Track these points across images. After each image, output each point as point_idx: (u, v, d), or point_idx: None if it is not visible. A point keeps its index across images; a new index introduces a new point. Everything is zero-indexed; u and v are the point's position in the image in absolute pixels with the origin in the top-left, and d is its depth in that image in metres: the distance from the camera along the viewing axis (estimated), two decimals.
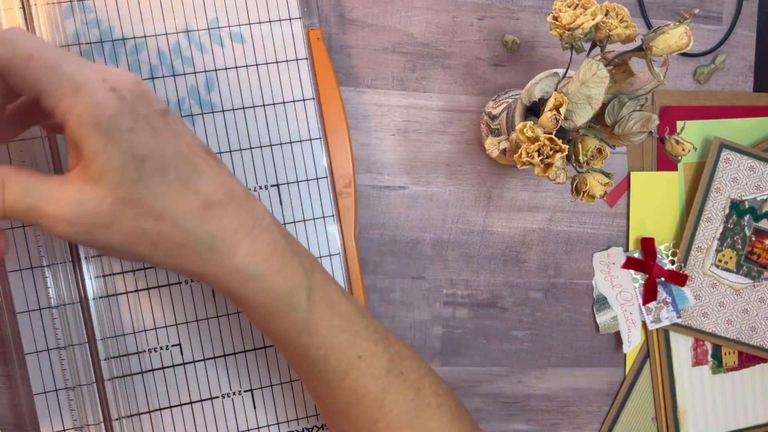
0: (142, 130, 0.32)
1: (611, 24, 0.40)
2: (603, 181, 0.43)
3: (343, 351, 0.40)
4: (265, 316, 0.39)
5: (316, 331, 0.39)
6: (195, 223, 0.34)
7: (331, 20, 0.52)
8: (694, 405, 0.58)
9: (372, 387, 0.41)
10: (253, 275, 0.37)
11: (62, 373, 0.47)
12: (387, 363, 0.41)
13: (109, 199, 0.32)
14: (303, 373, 0.42)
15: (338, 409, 0.42)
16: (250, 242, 0.36)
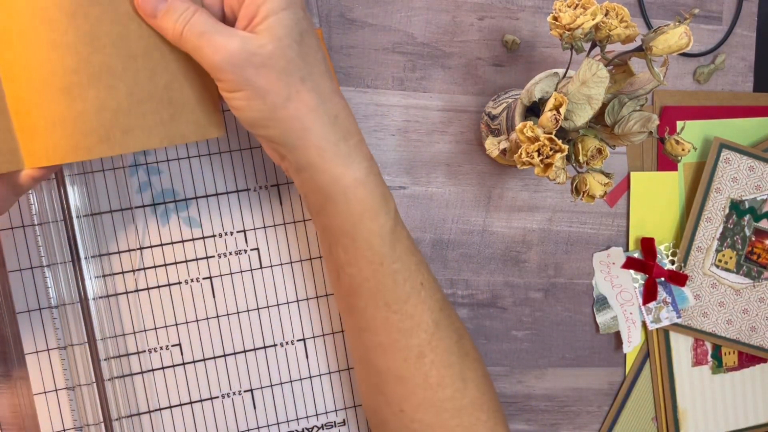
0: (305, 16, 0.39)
1: (611, 24, 0.40)
2: (603, 181, 0.43)
3: (411, 271, 0.42)
4: (357, 214, 0.40)
5: (396, 242, 0.41)
6: (327, 97, 0.39)
7: (331, 20, 0.52)
8: (694, 405, 0.58)
9: (427, 318, 0.42)
10: (360, 166, 0.40)
11: (62, 373, 0.47)
12: (440, 300, 0.44)
13: (271, 45, 0.37)
14: (365, 294, 0.42)
15: (389, 338, 0.42)
16: (358, 139, 0.41)
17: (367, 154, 0.41)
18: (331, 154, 0.39)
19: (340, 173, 0.40)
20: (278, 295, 0.50)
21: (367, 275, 0.42)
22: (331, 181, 0.40)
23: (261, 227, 0.49)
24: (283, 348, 0.50)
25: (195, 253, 0.49)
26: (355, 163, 0.40)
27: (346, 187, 0.40)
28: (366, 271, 0.42)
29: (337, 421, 0.51)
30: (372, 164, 0.41)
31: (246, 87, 0.37)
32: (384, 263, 0.41)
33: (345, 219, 0.41)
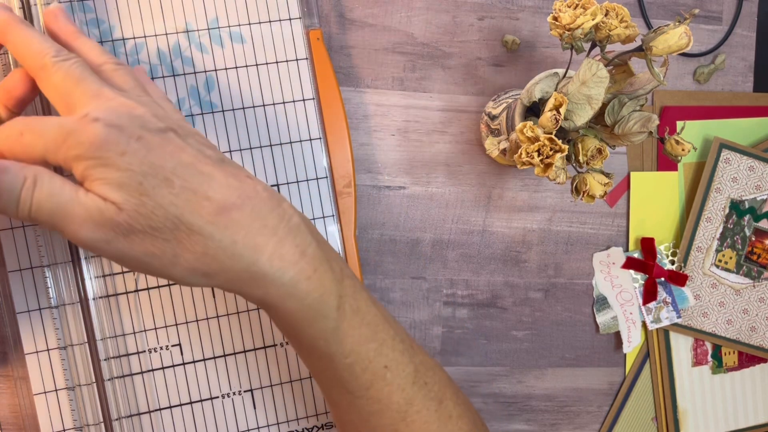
0: (135, 151, 0.33)
1: (611, 24, 0.40)
2: (603, 181, 0.43)
3: (369, 360, 0.39)
4: (293, 323, 0.37)
5: (343, 340, 0.38)
6: (212, 228, 0.34)
7: (331, 20, 0.52)
8: (694, 405, 0.58)
9: (396, 397, 0.40)
10: (281, 281, 0.35)
11: (62, 373, 0.47)
12: (412, 373, 0.41)
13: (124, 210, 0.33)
14: (325, 382, 0.41)
15: (359, 419, 0.41)
16: (275, 244, 0.35)
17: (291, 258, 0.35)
18: (244, 283, 0.35)
19: (262, 294, 0.36)
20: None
21: (322, 368, 0.40)
22: (258, 301, 0.37)
23: None
24: (283, 348, 0.50)
25: None
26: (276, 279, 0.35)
27: (273, 303, 0.36)
28: (318, 365, 0.40)
29: None
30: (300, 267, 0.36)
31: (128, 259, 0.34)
32: (334, 359, 0.39)
33: (283, 326, 0.39)
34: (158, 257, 0.34)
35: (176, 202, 0.33)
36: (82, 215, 0.32)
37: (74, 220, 0.32)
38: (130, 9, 0.47)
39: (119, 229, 0.33)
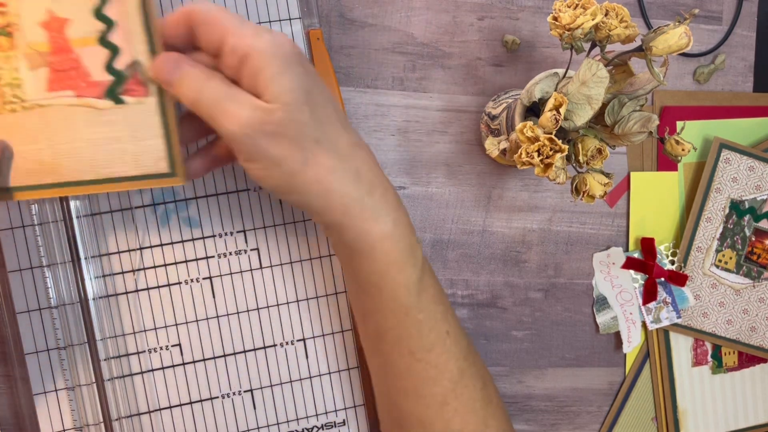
0: (306, 71, 0.38)
1: (611, 24, 0.40)
2: (603, 181, 0.43)
3: (437, 320, 0.42)
4: (384, 266, 0.40)
5: (422, 292, 0.41)
6: (345, 153, 0.39)
7: (331, 20, 0.52)
8: (694, 405, 0.58)
9: (451, 366, 0.42)
10: (385, 219, 0.40)
11: (62, 373, 0.47)
12: (466, 348, 0.43)
13: (280, 112, 0.36)
14: (390, 341, 0.42)
15: (413, 386, 0.42)
16: (383, 189, 0.40)
17: (394, 204, 0.41)
18: (356, 211, 0.39)
19: (367, 229, 0.39)
20: (278, 295, 0.50)
21: (392, 324, 0.42)
22: (357, 237, 0.40)
23: (261, 227, 0.49)
24: (283, 348, 0.50)
25: (195, 253, 0.49)
26: (381, 216, 0.40)
27: (373, 241, 0.40)
28: (391, 320, 0.42)
29: (337, 421, 0.51)
30: (399, 215, 0.41)
31: (262, 157, 0.37)
32: (409, 313, 0.41)
33: (372, 271, 0.41)
34: (289, 161, 0.37)
35: (327, 122, 0.38)
36: (237, 108, 0.36)
37: (229, 112, 0.36)
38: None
39: (267, 128, 0.36)
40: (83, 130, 0.40)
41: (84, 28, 0.39)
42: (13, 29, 0.39)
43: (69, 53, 0.39)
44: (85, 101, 0.40)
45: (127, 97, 0.40)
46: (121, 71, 0.39)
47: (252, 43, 0.36)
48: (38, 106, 0.40)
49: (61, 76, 0.39)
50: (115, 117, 0.40)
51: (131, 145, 0.40)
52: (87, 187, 0.41)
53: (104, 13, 0.38)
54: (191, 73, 0.37)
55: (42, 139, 0.40)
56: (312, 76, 0.38)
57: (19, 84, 0.39)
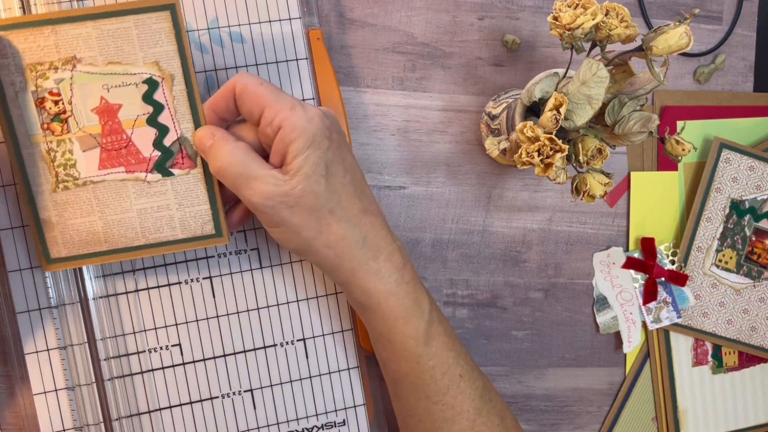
0: (332, 143, 0.42)
1: (611, 24, 0.40)
2: (603, 181, 0.43)
3: (448, 366, 0.45)
4: (391, 321, 0.44)
5: (431, 341, 0.44)
6: (354, 222, 0.43)
7: (331, 20, 0.52)
8: (694, 405, 0.58)
9: (468, 406, 0.45)
10: (389, 279, 0.43)
11: (62, 373, 0.47)
12: (481, 387, 0.46)
13: (300, 185, 0.40)
14: (406, 387, 0.45)
15: (432, 425, 0.45)
16: (388, 251, 0.44)
17: (398, 264, 0.44)
18: (361, 273, 0.43)
19: (372, 288, 0.43)
20: (278, 295, 0.50)
21: (406, 371, 0.45)
22: (364, 294, 0.43)
23: (261, 227, 0.49)
24: (283, 348, 0.50)
25: (195, 253, 0.49)
26: (384, 277, 0.43)
27: (378, 299, 0.43)
28: (404, 368, 0.45)
29: (337, 421, 0.51)
30: (403, 273, 0.44)
31: (282, 224, 0.41)
32: (420, 362, 0.44)
33: (380, 324, 0.44)
34: (307, 229, 0.41)
35: (341, 192, 0.42)
36: (260, 184, 0.40)
37: (252, 185, 0.40)
38: None
39: (287, 200, 0.40)
40: (133, 201, 0.44)
41: (134, 111, 0.43)
42: (66, 116, 0.42)
43: (120, 134, 0.43)
44: (135, 176, 0.44)
45: (175, 170, 0.44)
46: (168, 147, 0.44)
47: (286, 117, 0.40)
48: (91, 183, 0.43)
49: (112, 155, 0.43)
50: (163, 188, 0.44)
51: (179, 212, 0.44)
52: (137, 252, 0.45)
53: (153, 98, 0.43)
54: (220, 144, 0.42)
55: (94, 212, 0.44)
56: (336, 147, 0.42)
57: (73, 164, 0.43)
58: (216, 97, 0.43)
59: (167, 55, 0.42)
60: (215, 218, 0.45)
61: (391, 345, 0.44)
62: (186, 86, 0.43)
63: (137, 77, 0.42)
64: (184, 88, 0.43)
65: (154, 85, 0.43)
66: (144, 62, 0.42)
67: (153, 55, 0.42)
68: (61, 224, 0.43)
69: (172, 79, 0.43)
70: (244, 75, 0.42)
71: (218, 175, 0.42)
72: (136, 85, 0.43)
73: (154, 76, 0.43)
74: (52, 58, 0.42)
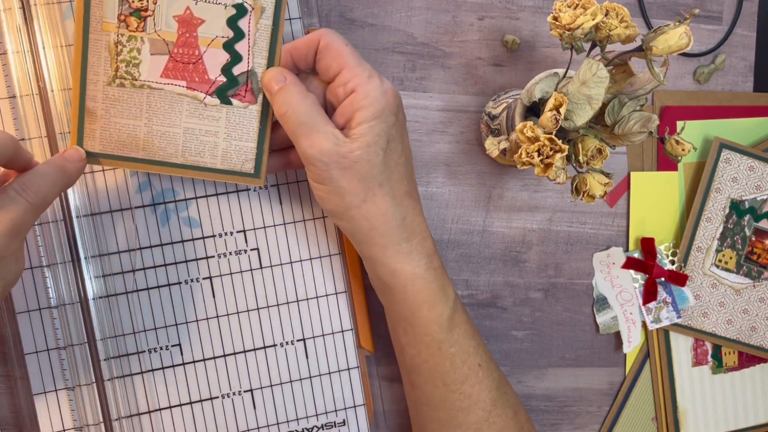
0: (398, 121, 0.42)
1: (611, 24, 0.40)
2: (603, 181, 0.43)
3: (468, 354, 0.45)
4: (415, 304, 0.43)
5: (453, 328, 0.44)
6: (398, 201, 0.43)
7: (331, 20, 0.52)
8: (694, 405, 0.58)
9: (484, 396, 0.45)
10: (419, 262, 0.43)
11: (62, 373, 0.47)
12: (497, 379, 0.46)
13: (359, 151, 0.40)
14: (425, 374, 0.45)
15: (447, 416, 0.45)
16: (422, 237, 0.44)
17: (429, 249, 0.44)
18: (392, 252, 0.43)
19: (399, 268, 0.43)
20: (278, 295, 0.50)
21: (426, 357, 0.45)
22: (390, 273, 0.43)
23: (261, 227, 0.49)
24: (283, 348, 0.50)
25: (195, 253, 0.49)
26: (414, 260, 0.43)
27: (405, 280, 0.43)
28: (425, 354, 0.45)
29: (337, 421, 0.51)
30: (432, 259, 0.44)
31: (329, 183, 0.41)
32: (441, 348, 0.44)
33: (404, 307, 0.44)
34: (353, 195, 0.41)
35: (393, 169, 0.42)
36: (320, 138, 0.40)
37: (312, 137, 0.40)
38: None
39: (343, 161, 0.40)
40: (184, 118, 0.43)
41: (214, 31, 0.42)
42: (146, 14, 0.41)
43: (193, 49, 0.42)
44: (194, 94, 0.43)
45: (235, 100, 0.43)
46: (236, 76, 0.43)
47: (361, 83, 0.41)
48: (148, 87, 0.43)
49: (179, 66, 0.42)
50: (218, 114, 0.43)
51: (225, 142, 0.44)
52: (172, 169, 0.44)
53: (237, 24, 0.42)
54: (291, 89, 0.41)
55: (142, 116, 0.43)
56: (400, 126, 0.43)
57: (137, 63, 0.42)
58: (297, 44, 0.42)
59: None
60: (258, 158, 0.44)
61: (413, 330, 0.44)
62: (273, 23, 0.42)
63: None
64: (271, 24, 0.42)
65: (242, 12, 0.42)
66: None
67: None
68: (105, 119, 0.43)
69: (262, 11, 0.42)
70: (331, 31, 0.42)
71: (282, 119, 0.41)
72: (225, 6, 0.42)
73: (246, 3, 0.42)
74: None
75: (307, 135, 0.40)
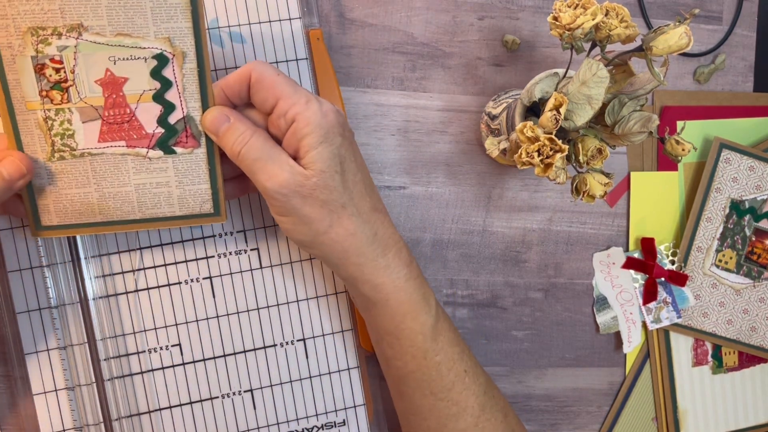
0: (345, 140, 0.42)
1: (611, 24, 0.40)
2: (603, 181, 0.43)
3: (454, 361, 0.45)
4: (399, 315, 0.44)
5: (438, 336, 0.44)
6: (365, 218, 0.43)
7: (331, 20, 0.52)
8: (694, 405, 0.58)
9: (472, 402, 0.45)
10: (397, 274, 0.43)
11: (62, 373, 0.47)
12: (484, 383, 0.47)
13: (315, 178, 0.40)
14: (412, 384, 0.45)
15: (437, 423, 0.45)
16: (397, 248, 0.44)
17: (406, 259, 0.44)
18: (370, 269, 0.43)
19: (380, 283, 0.43)
20: (278, 295, 0.50)
21: (412, 368, 0.45)
22: (372, 289, 0.44)
23: (261, 227, 0.49)
24: (283, 348, 0.50)
25: (195, 253, 0.49)
26: (393, 273, 0.43)
27: (387, 293, 0.43)
28: (411, 365, 0.45)
29: (337, 421, 0.51)
30: (411, 269, 0.44)
31: (293, 213, 0.41)
32: (427, 357, 0.44)
33: (388, 320, 0.44)
34: (318, 221, 0.41)
35: (353, 188, 0.42)
36: (277, 170, 0.40)
37: (269, 171, 0.40)
38: None
39: (302, 190, 0.40)
40: (132, 176, 0.43)
41: (141, 86, 0.41)
42: (67, 85, 0.41)
43: (123, 108, 0.42)
44: (135, 151, 0.42)
45: (178, 148, 0.43)
46: (173, 125, 0.42)
47: (300, 111, 0.40)
48: (89, 154, 0.42)
49: (114, 128, 0.42)
50: (164, 165, 0.43)
51: (178, 189, 0.44)
52: (132, 225, 0.44)
53: (162, 74, 0.41)
54: (238, 127, 0.41)
55: (90, 183, 0.42)
56: (348, 144, 0.42)
57: (71, 134, 0.42)
58: (229, 81, 0.42)
59: (181, 31, 0.40)
60: (215, 197, 0.44)
61: (398, 341, 0.44)
62: (198, 65, 0.41)
63: (147, 51, 0.41)
64: (196, 66, 0.41)
65: (164, 61, 0.41)
66: (156, 37, 0.40)
67: (166, 30, 0.40)
68: (55, 193, 0.42)
69: (184, 56, 0.41)
70: (261, 63, 0.41)
71: (236, 159, 0.41)
72: (145, 59, 0.41)
73: (165, 52, 0.41)
74: (56, 23, 0.39)
75: (263, 169, 0.40)
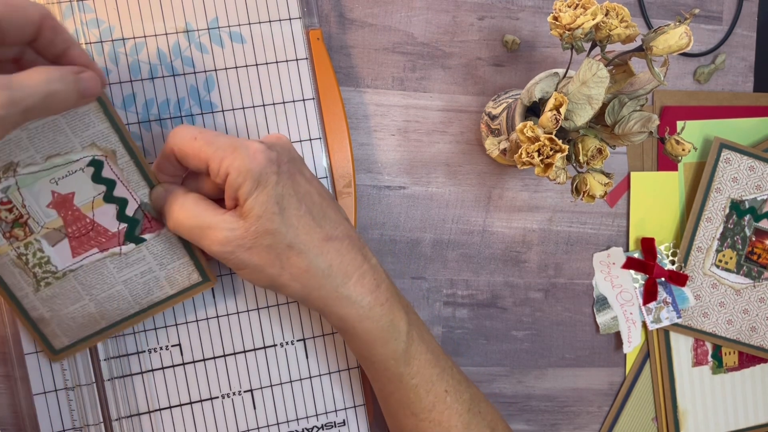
0: (281, 176, 0.41)
1: (611, 24, 0.40)
2: (603, 181, 0.43)
3: (432, 383, 0.45)
4: (368, 343, 0.44)
5: (411, 361, 0.44)
6: (316, 252, 0.42)
7: (331, 20, 0.52)
8: (694, 405, 0.58)
9: (455, 421, 0.45)
10: (360, 303, 0.43)
11: (62, 373, 0.47)
12: (468, 401, 0.46)
13: (253, 227, 0.40)
14: (393, 405, 0.46)
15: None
16: (359, 275, 0.43)
17: (370, 286, 0.43)
18: (331, 301, 0.43)
19: (345, 313, 0.43)
20: (278, 295, 0.50)
21: (391, 390, 0.45)
22: (338, 321, 0.44)
23: None
24: (283, 348, 0.50)
25: None
26: (356, 302, 0.43)
27: (353, 322, 0.43)
28: (388, 387, 0.45)
29: (337, 421, 0.51)
30: (377, 295, 0.43)
31: (245, 266, 0.41)
32: (402, 380, 0.44)
33: (359, 346, 0.44)
34: (270, 267, 0.41)
35: (298, 224, 0.41)
36: (214, 232, 0.40)
37: (208, 235, 0.41)
38: (130, 9, 0.47)
39: (244, 242, 0.40)
40: (116, 275, 0.45)
41: (88, 195, 0.43)
42: (24, 219, 0.43)
43: (82, 220, 0.43)
44: (110, 252, 0.44)
45: (147, 235, 0.45)
46: (132, 217, 0.44)
47: (229, 163, 0.40)
48: (70, 272, 0.44)
49: (82, 240, 0.44)
50: (140, 254, 0.45)
51: (162, 271, 0.45)
52: (135, 319, 0.46)
53: (102, 176, 0.43)
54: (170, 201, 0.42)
55: (83, 296, 0.44)
56: (286, 179, 0.41)
57: (47, 260, 0.44)
58: (159, 160, 0.43)
59: (102, 133, 0.43)
60: (198, 266, 0.46)
61: (373, 366, 0.45)
62: (130, 156, 0.43)
63: (80, 162, 0.43)
64: (129, 158, 0.43)
65: (99, 165, 0.43)
66: (82, 147, 0.42)
67: (88, 137, 0.42)
68: (56, 317, 0.44)
69: (115, 153, 0.43)
70: (177, 133, 0.41)
71: (174, 230, 0.42)
72: (82, 170, 0.43)
73: (96, 156, 0.43)
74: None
75: (202, 235, 0.41)
